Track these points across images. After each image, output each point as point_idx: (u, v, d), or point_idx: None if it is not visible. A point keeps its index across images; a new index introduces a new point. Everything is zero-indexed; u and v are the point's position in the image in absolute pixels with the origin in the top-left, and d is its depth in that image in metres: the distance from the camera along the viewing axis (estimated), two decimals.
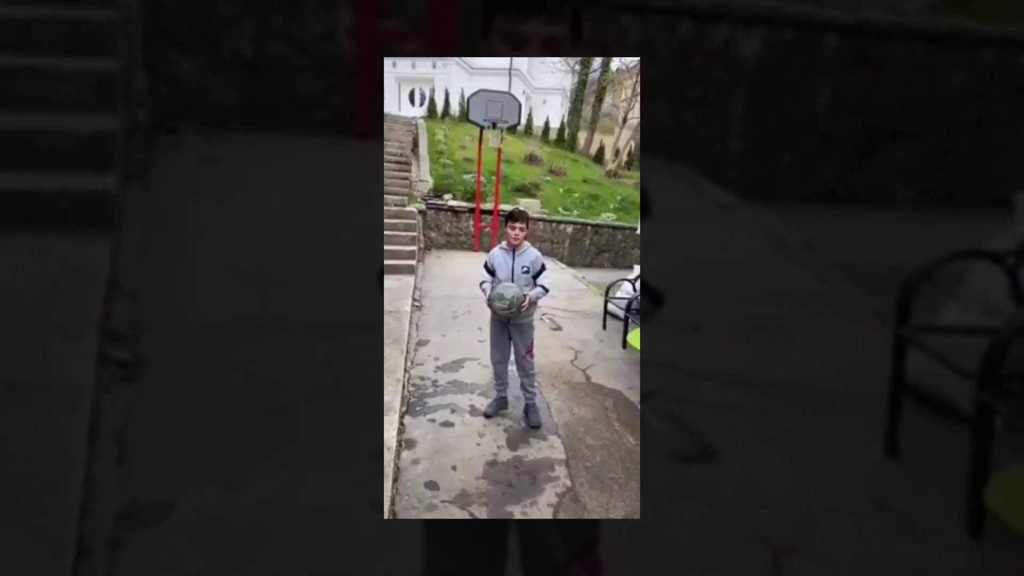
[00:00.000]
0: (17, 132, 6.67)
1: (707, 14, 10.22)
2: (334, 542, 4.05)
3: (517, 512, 3.98)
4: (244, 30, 9.27)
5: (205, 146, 8.81)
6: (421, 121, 20.33)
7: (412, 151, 16.93)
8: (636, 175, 18.47)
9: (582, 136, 24.95)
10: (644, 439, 4.87)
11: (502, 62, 24.19)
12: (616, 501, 4.19)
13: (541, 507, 4.07)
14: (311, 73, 9.42)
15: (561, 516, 3.98)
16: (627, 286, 8.27)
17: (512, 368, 5.27)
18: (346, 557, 3.95)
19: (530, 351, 5.17)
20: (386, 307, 6.05)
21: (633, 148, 22.12)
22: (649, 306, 3.29)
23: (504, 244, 5.00)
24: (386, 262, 6.03)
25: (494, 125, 14.56)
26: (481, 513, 3.93)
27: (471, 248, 14.73)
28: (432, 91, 25.72)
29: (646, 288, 3.31)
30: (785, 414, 5.42)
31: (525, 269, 4.94)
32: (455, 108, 23.53)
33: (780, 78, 10.51)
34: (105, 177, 6.65)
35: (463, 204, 15.13)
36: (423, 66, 25.38)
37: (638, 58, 10.20)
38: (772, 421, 5.33)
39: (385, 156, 14.56)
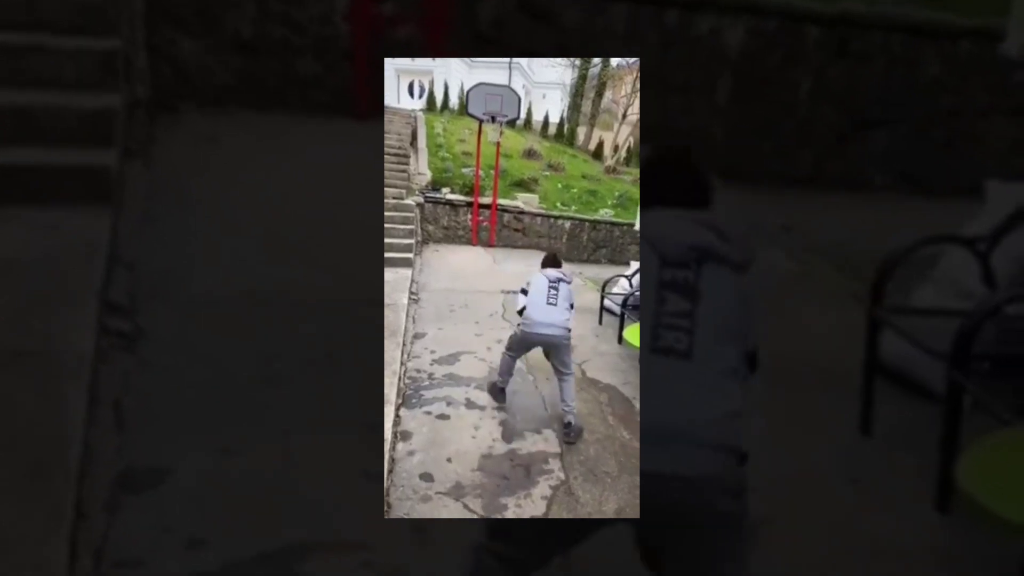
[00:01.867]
0: (21, 108, 6.69)
1: (693, 4, 10.31)
2: (327, 508, 4.11)
3: (511, 504, 4.04)
4: (244, 11, 9.31)
5: (204, 125, 8.83)
6: (420, 114, 20.19)
7: (411, 144, 16.84)
8: (635, 171, 18.41)
9: (581, 131, 24.80)
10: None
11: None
12: (609, 494, 4.25)
13: (535, 499, 4.12)
14: (309, 54, 9.47)
15: (555, 508, 4.04)
16: (623, 282, 8.30)
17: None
18: (339, 523, 4.02)
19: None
20: (384, 300, 6.10)
21: (632, 144, 22.09)
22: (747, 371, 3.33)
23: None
24: (384, 255, 6.13)
25: (493, 119, 14.54)
26: (475, 505, 4.00)
27: (469, 242, 14.71)
28: (431, 83, 25.45)
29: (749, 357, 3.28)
30: (761, 390, 5.51)
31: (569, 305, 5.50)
32: (454, 101, 23.37)
33: (763, 67, 10.61)
34: (106, 153, 6.68)
35: (461, 198, 15.09)
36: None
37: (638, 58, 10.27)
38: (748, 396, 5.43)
39: (384, 149, 14.57)
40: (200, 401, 4.84)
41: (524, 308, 5.57)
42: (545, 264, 5.95)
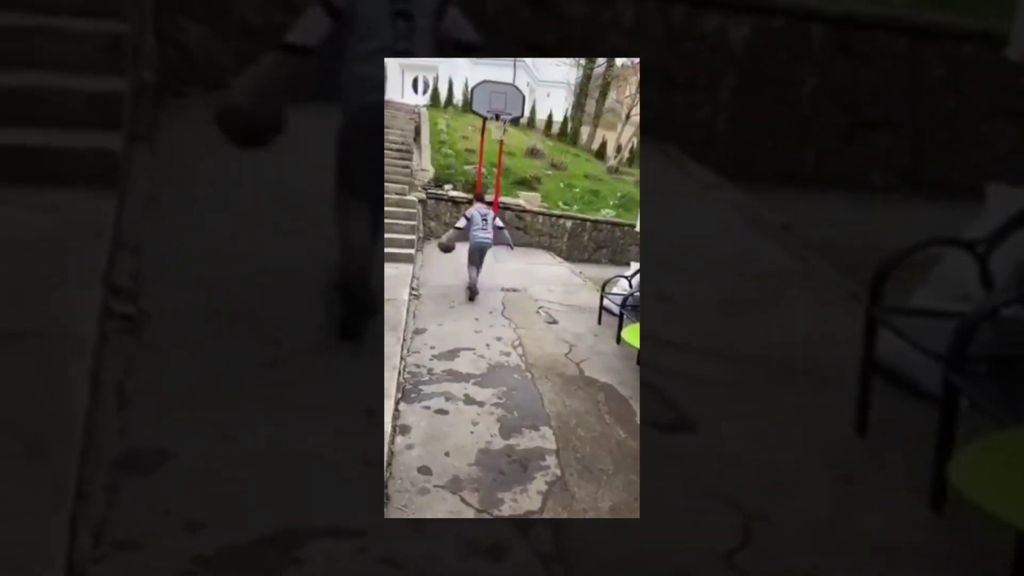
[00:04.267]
0: (29, 90, 6.73)
1: (700, 1, 10.34)
2: (326, 494, 4.15)
3: (507, 499, 4.07)
4: None
5: (210, 109, 8.84)
6: (424, 110, 20.15)
7: (414, 140, 16.84)
8: (637, 172, 18.42)
9: (585, 131, 24.71)
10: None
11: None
12: (604, 492, 4.27)
13: (531, 494, 4.14)
14: None
15: (551, 504, 4.08)
16: (623, 282, 8.34)
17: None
18: (337, 509, 4.05)
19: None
20: (385, 295, 6.13)
21: (635, 145, 22.03)
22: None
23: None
24: (385, 250, 6.17)
25: (497, 117, 14.56)
26: (472, 499, 4.03)
27: None
28: (436, 79, 25.42)
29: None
30: (759, 387, 5.55)
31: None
32: (458, 98, 23.30)
33: (767, 65, 10.64)
34: (113, 136, 6.72)
35: (463, 195, 15.08)
36: None
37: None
38: (746, 393, 5.47)
39: (387, 144, 14.55)
40: (202, 384, 4.87)
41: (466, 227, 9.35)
42: (478, 200, 9.81)
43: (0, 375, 4.44)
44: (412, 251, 10.75)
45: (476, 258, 9.33)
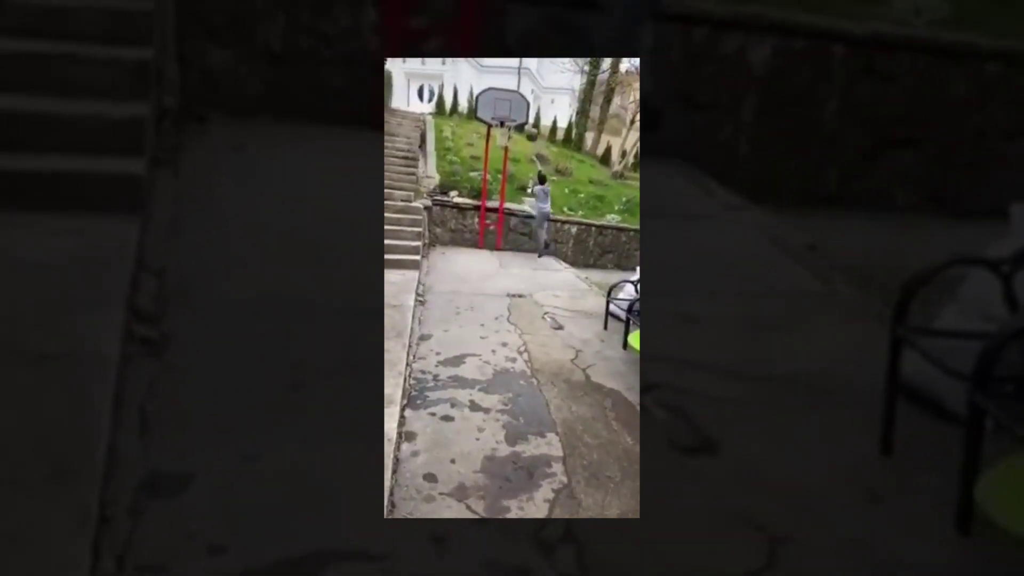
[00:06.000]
0: (53, 116, 6.80)
1: (721, 23, 10.34)
2: (349, 516, 4.13)
3: (513, 506, 4.05)
4: (274, 23, 9.43)
5: (233, 134, 8.93)
6: (429, 117, 20.27)
7: (419, 147, 16.92)
8: None
9: (589, 136, 24.86)
10: (644, 435, 4.96)
11: (511, 60, 24.12)
12: (612, 499, 4.26)
13: (537, 502, 4.13)
14: (337, 66, 9.56)
15: (557, 511, 4.06)
16: (629, 287, 8.34)
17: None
18: (360, 531, 4.04)
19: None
20: (391, 301, 6.14)
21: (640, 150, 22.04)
22: None
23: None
24: (391, 256, 6.20)
25: (502, 123, 14.62)
26: (478, 506, 4.02)
27: (475, 245, 14.77)
28: (441, 87, 25.58)
29: None
30: (784, 407, 5.53)
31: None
32: (463, 105, 23.47)
33: (789, 85, 10.63)
34: (136, 161, 6.77)
35: (469, 201, 15.17)
36: (433, 62, 25.57)
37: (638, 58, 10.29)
38: (771, 414, 5.44)
39: (393, 151, 14.70)
40: (224, 407, 4.87)
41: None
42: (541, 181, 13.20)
43: (24, 398, 4.46)
44: (418, 257, 10.80)
45: (540, 219, 13.91)
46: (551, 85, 28.33)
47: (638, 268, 7.38)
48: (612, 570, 3.99)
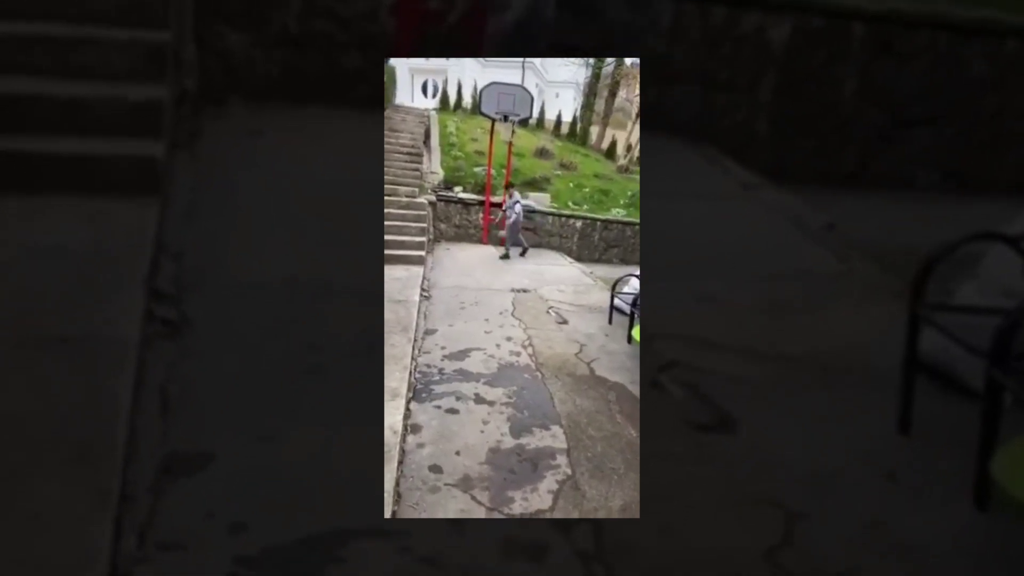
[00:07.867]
0: (72, 99, 6.83)
1: (740, 1, 10.31)
2: (368, 494, 4.15)
3: (518, 497, 4.07)
4: (291, 7, 9.45)
5: (250, 117, 8.97)
6: (433, 113, 20.24)
7: (424, 142, 16.91)
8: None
9: (594, 130, 24.69)
10: (659, 415, 4.96)
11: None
12: (615, 491, 4.27)
13: (541, 493, 4.15)
14: (353, 50, 9.58)
15: (561, 503, 4.07)
16: (634, 281, 8.34)
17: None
18: (379, 509, 4.06)
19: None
20: (396, 296, 6.17)
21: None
22: None
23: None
24: (396, 252, 6.23)
25: (506, 118, 14.61)
26: (483, 497, 4.03)
27: (480, 240, 14.78)
28: (445, 82, 25.48)
29: None
30: (802, 386, 5.52)
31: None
32: (467, 100, 23.39)
33: (808, 64, 10.60)
34: (154, 144, 6.80)
35: (473, 196, 15.18)
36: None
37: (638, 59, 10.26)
38: (789, 393, 5.44)
39: (397, 147, 14.75)
40: (244, 388, 4.90)
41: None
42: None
43: (45, 380, 4.49)
44: (422, 253, 10.82)
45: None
46: (555, 79, 28.22)
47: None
48: (629, 547, 4.00)
